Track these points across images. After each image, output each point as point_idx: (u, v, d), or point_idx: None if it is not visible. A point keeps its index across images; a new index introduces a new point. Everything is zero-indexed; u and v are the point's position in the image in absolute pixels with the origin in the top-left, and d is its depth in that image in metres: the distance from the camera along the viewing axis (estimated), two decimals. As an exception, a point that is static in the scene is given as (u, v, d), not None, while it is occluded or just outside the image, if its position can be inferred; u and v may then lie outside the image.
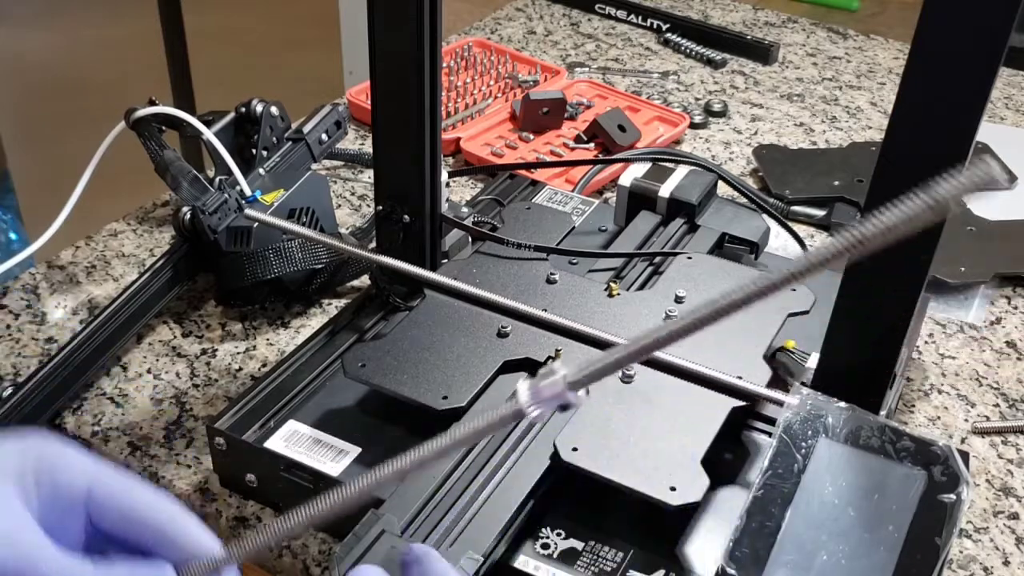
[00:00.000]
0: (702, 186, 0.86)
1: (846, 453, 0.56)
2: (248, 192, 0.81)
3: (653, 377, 0.66)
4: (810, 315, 0.72)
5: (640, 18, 1.40)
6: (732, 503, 0.63)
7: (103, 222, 0.95)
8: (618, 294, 0.74)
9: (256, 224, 0.78)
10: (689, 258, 0.78)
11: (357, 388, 0.69)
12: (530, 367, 0.68)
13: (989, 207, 1.01)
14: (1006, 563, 0.66)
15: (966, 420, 0.77)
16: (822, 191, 1.01)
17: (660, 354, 0.65)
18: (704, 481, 0.58)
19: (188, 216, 0.80)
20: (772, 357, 0.70)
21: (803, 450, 0.56)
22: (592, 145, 1.08)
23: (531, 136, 1.10)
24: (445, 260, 0.80)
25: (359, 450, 0.65)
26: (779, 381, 0.68)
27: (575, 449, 0.60)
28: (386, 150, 0.73)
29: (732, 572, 0.52)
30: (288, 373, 0.71)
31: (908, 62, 0.52)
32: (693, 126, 1.15)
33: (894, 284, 0.58)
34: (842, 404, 0.57)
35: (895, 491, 0.54)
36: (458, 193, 1.01)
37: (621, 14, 1.41)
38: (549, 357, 0.68)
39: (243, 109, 0.88)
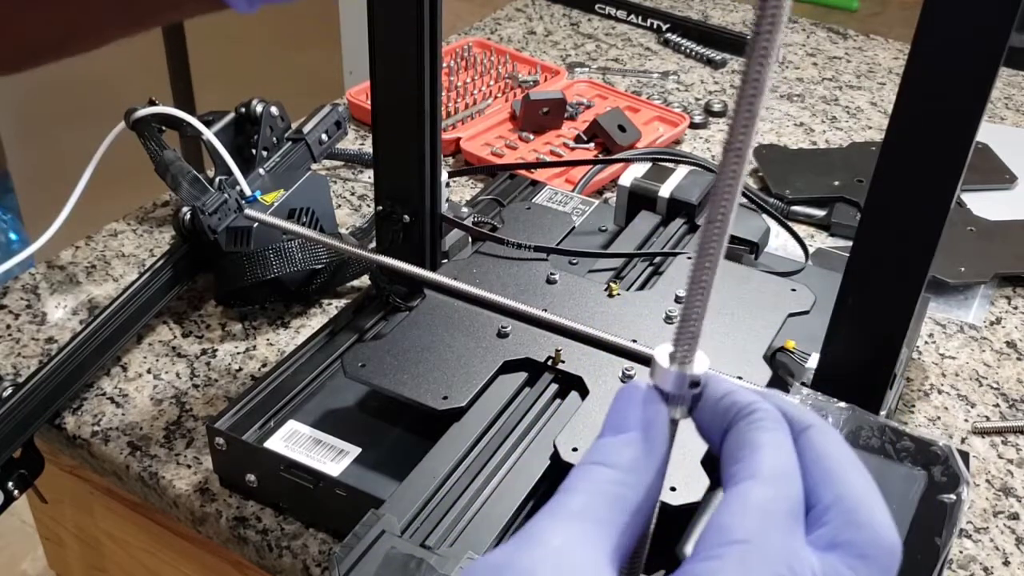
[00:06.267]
0: (702, 186, 0.86)
1: (846, 453, 0.56)
2: (248, 192, 0.81)
3: (653, 377, 0.66)
4: (810, 315, 0.72)
5: (640, 18, 1.40)
6: (732, 503, 0.62)
7: (103, 222, 0.95)
8: (618, 294, 0.74)
9: (256, 224, 0.78)
10: (689, 258, 0.78)
11: (357, 388, 0.69)
12: (530, 367, 0.68)
13: (989, 207, 1.01)
14: (1006, 563, 0.66)
15: (966, 420, 0.77)
16: (822, 191, 1.01)
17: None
18: (704, 481, 0.58)
19: (188, 216, 0.80)
20: (772, 357, 0.70)
21: (803, 450, 0.56)
22: (592, 145, 1.08)
23: (531, 136, 1.10)
24: (445, 260, 0.80)
25: (359, 450, 0.65)
26: (779, 381, 0.68)
27: (575, 449, 0.60)
28: (386, 150, 0.73)
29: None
30: (288, 373, 0.71)
31: (908, 62, 0.52)
32: (693, 126, 1.15)
33: (894, 284, 0.58)
34: (842, 404, 0.57)
35: (895, 491, 0.54)
36: (458, 193, 1.01)
37: (621, 14, 1.41)
38: (549, 357, 0.68)
39: (243, 109, 0.88)
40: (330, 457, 0.64)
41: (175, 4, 0.30)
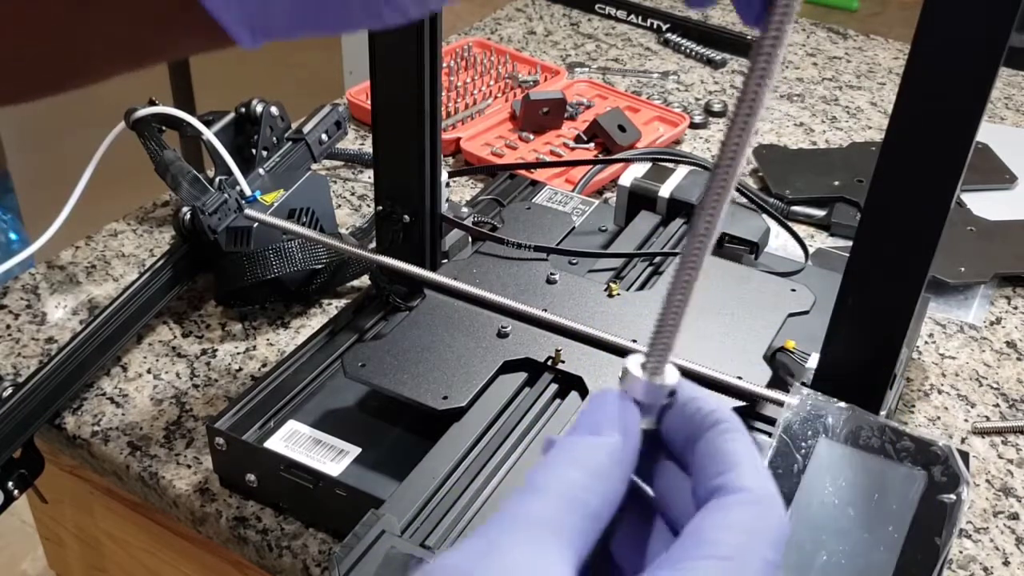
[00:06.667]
0: (702, 186, 0.86)
1: (846, 453, 0.56)
2: (248, 192, 0.81)
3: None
4: (810, 315, 0.72)
5: (640, 18, 1.40)
6: (732, 503, 0.62)
7: (103, 222, 0.95)
8: (618, 294, 0.74)
9: (256, 224, 0.78)
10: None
11: (357, 388, 0.69)
12: (530, 367, 0.68)
13: (989, 207, 1.01)
14: (1006, 563, 0.66)
15: (966, 420, 0.77)
16: (822, 191, 1.01)
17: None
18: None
19: (188, 216, 0.80)
20: (772, 357, 0.70)
21: (803, 450, 0.56)
22: (592, 145, 1.08)
23: (531, 136, 1.10)
24: (445, 260, 0.80)
25: (359, 450, 0.65)
26: (779, 381, 0.68)
27: (575, 449, 0.60)
28: (386, 150, 0.73)
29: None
30: (288, 373, 0.71)
31: (908, 62, 0.52)
32: (693, 126, 1.15)
33: (894, 284, 0.58)
34: (842, 404, 0.57)
35: (895, 491, 0.54)
36: (458, 193, 1.01)
37: (621, 14, 1.41)
38: (549, 357, 0.68)
39: (243, 109, 0.88)
40: (330, 457, 0.64)
41: (179, 43, 0.29)
